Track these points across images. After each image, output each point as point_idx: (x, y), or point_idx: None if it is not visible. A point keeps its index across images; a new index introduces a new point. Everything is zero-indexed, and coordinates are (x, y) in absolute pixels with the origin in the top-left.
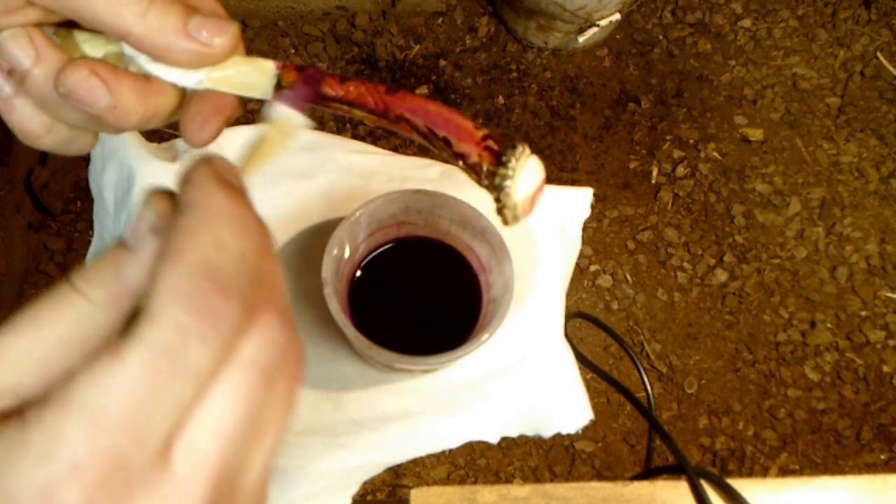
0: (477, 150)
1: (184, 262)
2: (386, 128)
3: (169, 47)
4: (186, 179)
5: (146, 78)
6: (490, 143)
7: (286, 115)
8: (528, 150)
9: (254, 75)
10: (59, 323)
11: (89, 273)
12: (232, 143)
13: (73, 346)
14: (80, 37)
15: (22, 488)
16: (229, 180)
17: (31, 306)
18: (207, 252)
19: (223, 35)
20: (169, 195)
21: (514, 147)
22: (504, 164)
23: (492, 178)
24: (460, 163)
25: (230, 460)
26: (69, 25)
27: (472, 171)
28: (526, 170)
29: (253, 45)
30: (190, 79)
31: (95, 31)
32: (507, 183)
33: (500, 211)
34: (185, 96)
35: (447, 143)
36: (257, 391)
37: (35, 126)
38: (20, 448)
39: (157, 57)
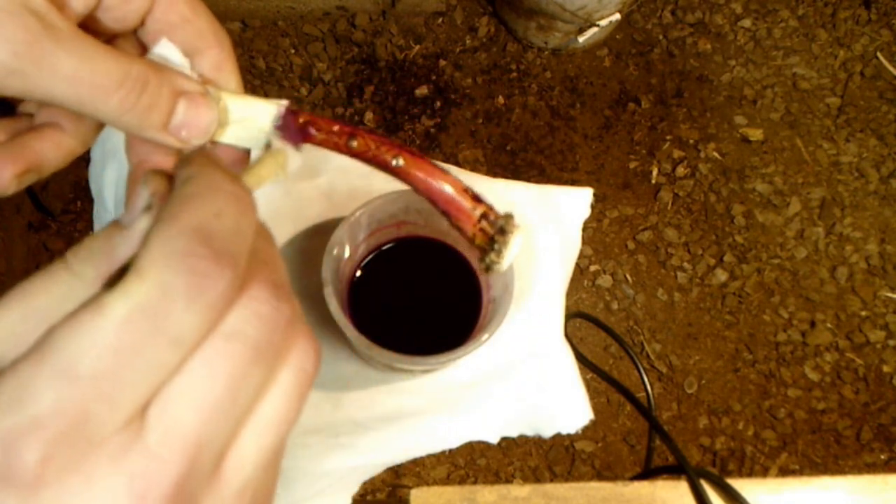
0: (472, 230)
1: (179, 224)
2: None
3: (148, 139)
4: (185, 160)
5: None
6: (485, 225)
7: (283, 149)
8: (516, 230)
9: (253, 130)
10: (46, 297)
11: (81, 249)
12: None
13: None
14: None
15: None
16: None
17: (23, 282)
18: (205, 217)
19: (203, 137)
20: (166, 175)
21: (504, 233)
22: (495, 249)
23: (483, 253)
24: (455, 228)
25: (210, 438)
26: None
27: (466, 238)
28: (512, 247)
29: (253, 44)
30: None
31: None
32: (496, 260)
33: (484, 269)
34: None
35: (446, 214)
36: (243, 365)
37: None
38: None
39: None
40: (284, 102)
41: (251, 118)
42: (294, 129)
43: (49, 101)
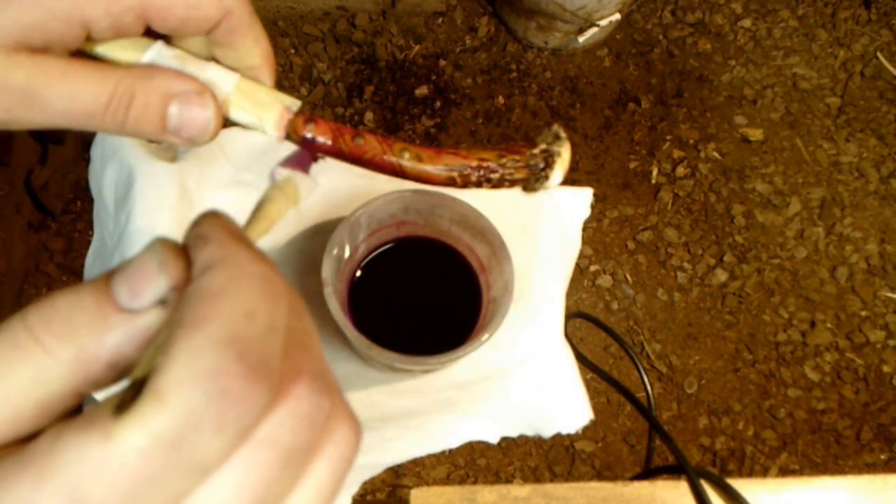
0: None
1: (206, 333)
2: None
3: (155, 140)
4: (199, 235)
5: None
6: (529, 170)
7: (291, 177)
8: (557, 158)
9: (260, 112)
10: (12, 379)
11: (54, 317)
12: (232, 143)
13: (31, 404)
14: (101, 48)
15: None
16: (244, 239)
17: None
18: (235, 322)
19: (204, 134)
20: (183, 255)
21: (550, 165)
22: (543, 176)
23: (529, 182)
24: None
25: None
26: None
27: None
28: (557, 170)
29: None
30: (223, 87)
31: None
32: (545, 181)
33: (531, 190)
34: None
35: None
36: (275, 472)
37: None
38: None
39: None
40: (298, 102)
41: (266, 102)
42: (300, 155)
43: (50, 129)
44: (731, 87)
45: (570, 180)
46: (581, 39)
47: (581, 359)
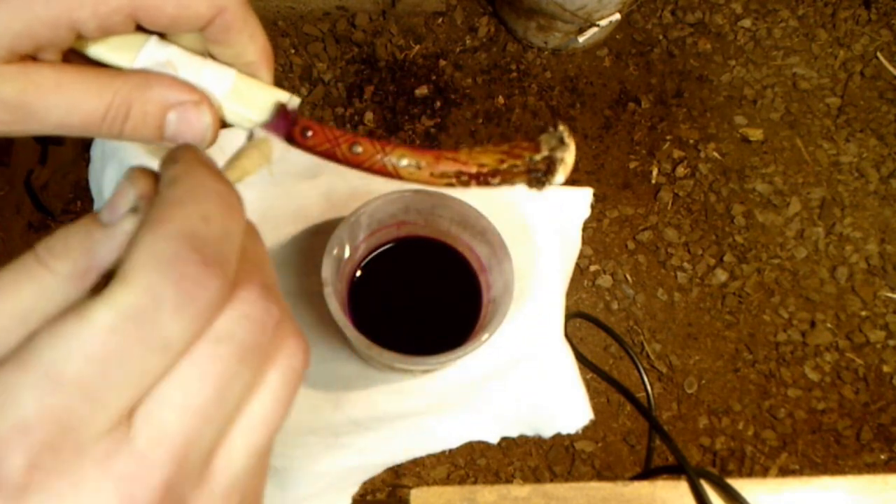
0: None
1: (166, 229)
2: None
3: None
4: (171, 157)
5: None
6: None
7: (266, 137)
8: (561, 157)
9: (257, 110)
10: (17, 295)
11: (55, 244)
12: (232, 143)
13: (31, 321)
14: (92, 49)
15: None
16: (212, 166)
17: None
18: (193, 222)
19: (200, 141)
20: (152, 175)
21: (553, 167)
22: (549, 175)
23: (537, 182)
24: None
25: (198, 439)
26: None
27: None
28: (562, 169)
29: None
30: (219, 89)
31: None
32: (551, 180)
33: (538, 187)
34: None
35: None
36: (231, 367)
37: None
38: None
39: None
40: (296, 101)
41: (263, 100)
42: (281, 121)
43: (46, 135)
44: (731, 87)
45: (570, 180)
46: (581, 39)
47: (581, 359)
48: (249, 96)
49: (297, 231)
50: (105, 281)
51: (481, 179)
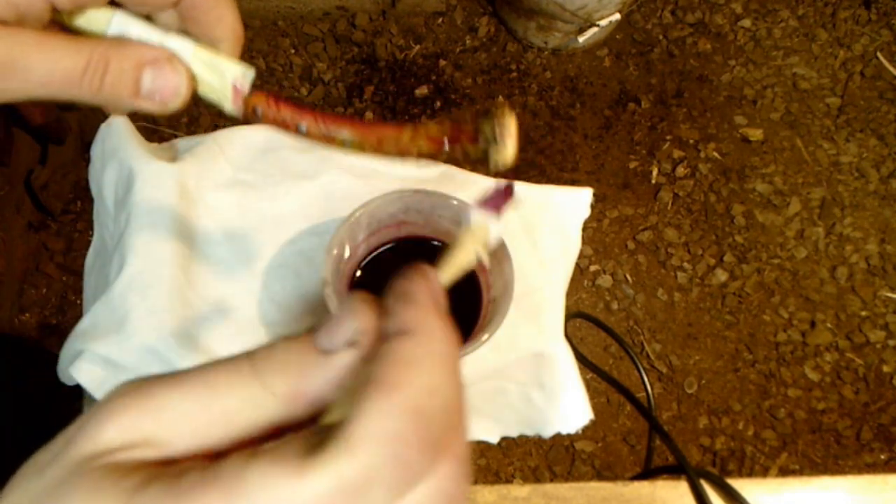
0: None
1: (395, 401)
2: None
3: (128, 109)
4: (405, 292)
5: None
6: (463, 142)
7: (482, 221)
8: (500, 123)
9: (216, 83)
10: (228, 396)
11: (272, 360)
12: (231, 144)
13: (236, 426)
14: (68, 20)
15: None
16: (442, 304)
17: (204, 369)
18: (421, 396)
19: (176, 98)
20: (375, 306)
21: (494, 139)
22: (494, 143)
23: (485, 154)
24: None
25: None
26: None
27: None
28: (505, 135)
29: (253, 44)
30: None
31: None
32: (497, 151)
33: (494, 166)
34: None
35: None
36: None
37: None
38: None
39: None
40: (251, 72)
41: (220, 74)
42: (499, 199)
43: (29, 100)
44: (731, 87)
45: (570, 180)
46: (581, 39)
47: (581, 359)
48: (211, 65)
49: (297, 231)
50: (312, 413)
51: (422, 161)
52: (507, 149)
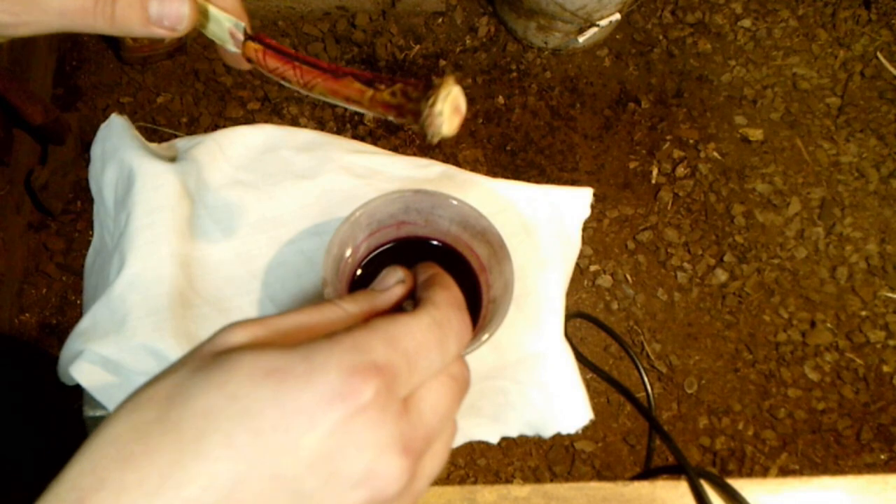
0: (380, 103)
1: (439, 304)
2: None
3: (142, 35)
4: (426, 278)
5: None
6: (396, 93)
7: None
8: (443, 85)
9: (216, 30)
10: (322, 314)
11: (349, 297)
12: (232, 144)
13: (320, 330)
14: None
15: (332, 367)
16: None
17: (303, 307)
18: (459, 295)
19: (182, 23)
20: (407, 271)
21: (428, 94)
22: (428, 105)
23: (418, 116)
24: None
25: (437, 433)
26: None
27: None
28: (446, 97)
29: None
30: None
31: None
32: (431, 114)
33: (430, 132)
34: None
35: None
36: (455, 395)
37: None
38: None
39: None
40: (242, 24)
41: (217, 21)
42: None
43: (48, 33)
44: (731, 87)
45: (570, 180)
46: (581, 39)
47: (581, 359)
48: (209, 13)
49: (297, 231)
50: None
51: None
52: (445, 123)
